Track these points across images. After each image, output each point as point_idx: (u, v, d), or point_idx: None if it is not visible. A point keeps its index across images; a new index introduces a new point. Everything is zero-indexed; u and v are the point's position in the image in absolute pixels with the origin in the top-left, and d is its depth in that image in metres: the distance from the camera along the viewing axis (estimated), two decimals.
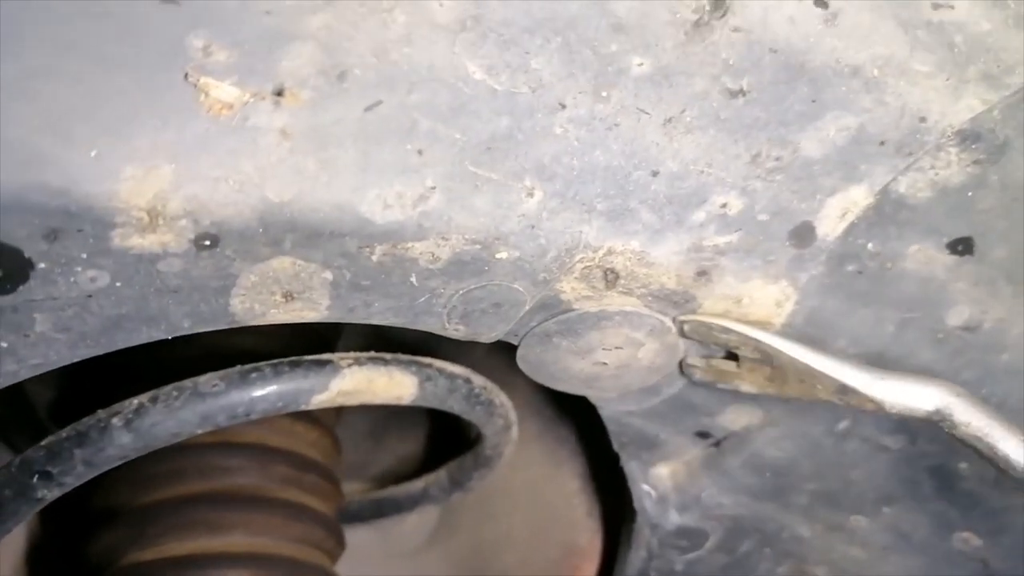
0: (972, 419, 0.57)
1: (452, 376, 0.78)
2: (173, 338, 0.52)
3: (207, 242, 0.47)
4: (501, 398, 0.86)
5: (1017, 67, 0.54)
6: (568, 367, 0.66)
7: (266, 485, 0.87)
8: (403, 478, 1.19)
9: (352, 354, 0.72)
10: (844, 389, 0.60)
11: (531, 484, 1.10)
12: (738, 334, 0.61)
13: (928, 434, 0.77)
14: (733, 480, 0.83)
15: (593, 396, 0.71)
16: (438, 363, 0.77)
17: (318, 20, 0.43)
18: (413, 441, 1.27)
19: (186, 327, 0.52)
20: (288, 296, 0.52)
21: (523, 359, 0.68)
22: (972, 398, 0.58)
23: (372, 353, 0.73)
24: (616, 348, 0.63)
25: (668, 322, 0.61)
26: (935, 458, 0.79)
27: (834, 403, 0.62)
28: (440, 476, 1.09)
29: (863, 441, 0.77)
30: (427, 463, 1.21)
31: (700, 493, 0.85)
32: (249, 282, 0.50)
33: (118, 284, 0.47)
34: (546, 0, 0.47)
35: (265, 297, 0.52)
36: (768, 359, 0.62)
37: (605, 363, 0.64)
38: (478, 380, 0.81)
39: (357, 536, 1.11)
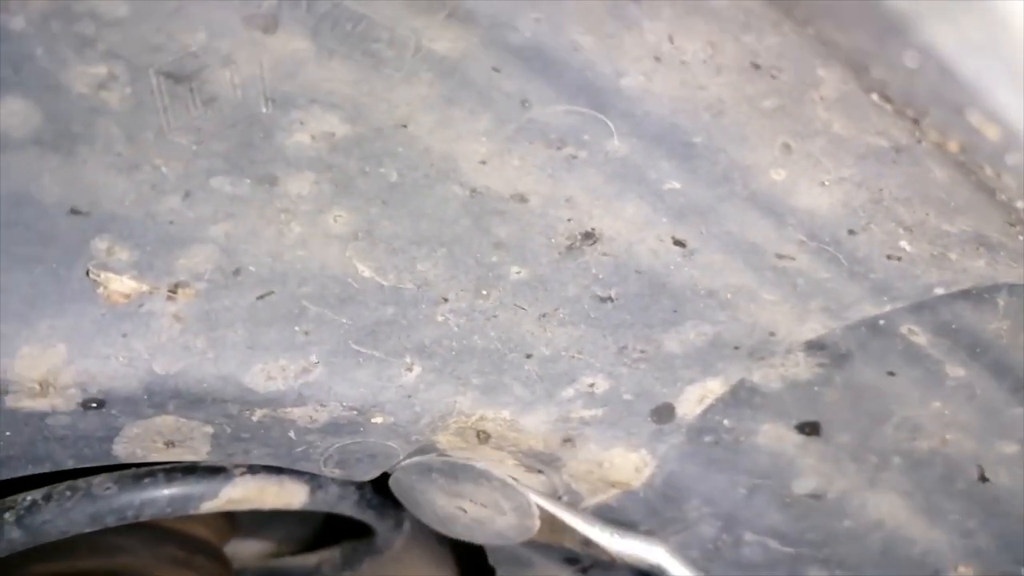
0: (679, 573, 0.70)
1: (344, 484, 0.82)
2: None
3: (94, 404, 0.51)
4: (395, 502, 0.90)
5: (853, 306, 0.61)
6: (433, 500, 0.71)
7: (155, 565, 0.90)
8: (302, 541, 1.22)
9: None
10: (588, 542, 0.70)
11: (420, 572, 1.14)
12: None
13: None
14: None
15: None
16: None
17: (219, 229, 0.48)
18: None
19: (69, 465, 0.55)
20: (169, 444, 0.56)
21: (396, 481, 0.72)
22: (680, 558, 0.72)
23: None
24: (482, 505, 0.68)
25: (534, 508, 0.67)
26: None
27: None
28: (334, 555, 1.12)
29: None
30: (327, 527, 1.24)
31: None
32: (133, 433, 0.54)
33: (8, 434, 0.50)
34: (433, 220, 0.52)
35: (147, 444, 0.56)
36: None
37: (465, 511, 0.69)
38: (371, 486, 0.85)
39: None
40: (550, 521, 0.68)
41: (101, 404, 0.51)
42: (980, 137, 0.28)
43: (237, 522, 1.05)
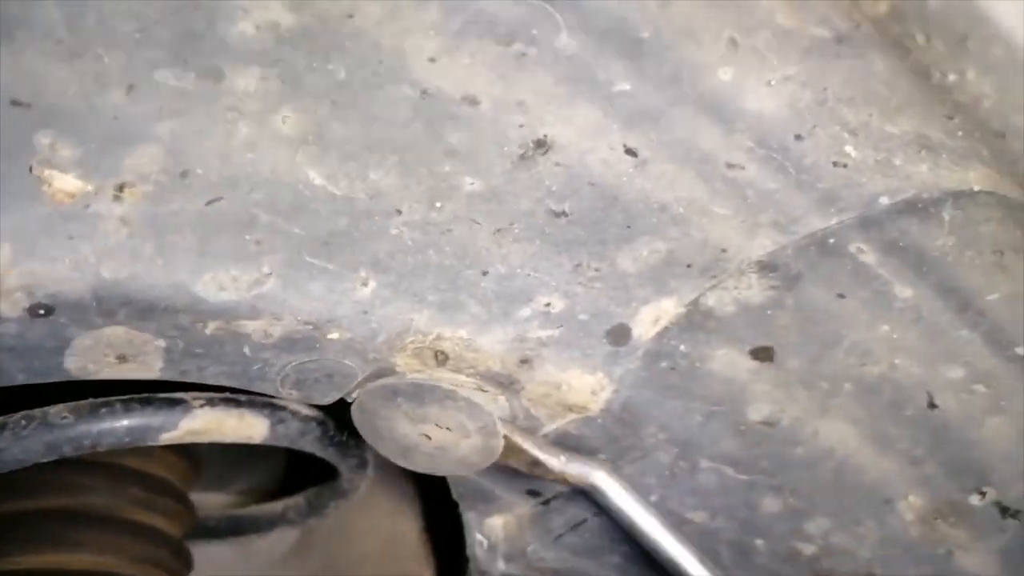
0: (617, 497, 0.75)
1: (306, 419, 0.82)
2: None
3: (41, 311, 0.50)
4: (357, 439, 0.90)
5: (801, 219, 0.62)
6: (395, 428, 0.71)
7: (118, 505, 0.90)
8: (267, 492, 1.22)
9: (206, 394, 0.76)
10: (536, 463, 0.73)
11: (388, 515, 1.15)
12: None
13: (726, 512, 0.85)
14: (556, 537, 0.90)
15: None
16: (293, 406, 0.81)
17: (164, 127, 0.48)
18: (279, 456, 1.30)
19: (20, 379, 0.55)
20: (122, 358, 0.56)
21: (359, 407, 0.71)
22: (621, 482, 0.75)
23: (226, 394, 0.77)
24: (447, 428, 0.68)
25: (500, 426, 0.67)
26: (731, 533, 0.88)
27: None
28: (299, 501, 1.13)
29: (668, 513, 0.85)
30: (290, 478, 1.24)
31: (527, 546, 0.91)
32: (83, 345, 0.54)
33: None
34: (384, 124, 0.52)
35: (99, 358, 0.55)
36: None
37: (429, 438, 0.70)
38: (332, 423, 0.85)
39: (215, 550, 1.14)
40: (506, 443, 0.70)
41: (49, 311, 0.50)
42: None
43: (202, 467, 1.04)
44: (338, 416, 0.81)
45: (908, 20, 0.32)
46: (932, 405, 0.78)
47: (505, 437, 0.70)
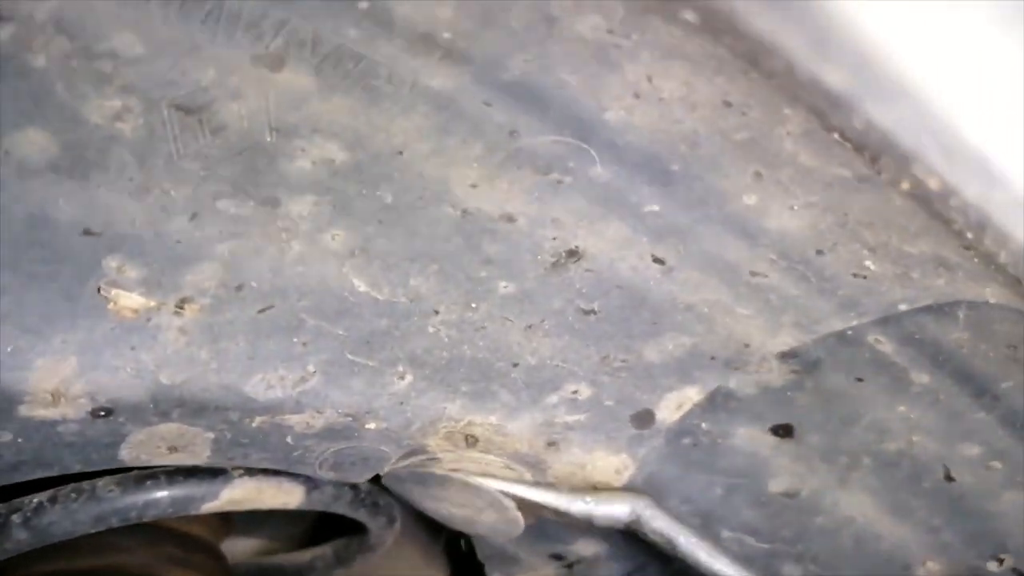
0: (659, 524, 0.73)
1: (339, 484, 0.85)
2: None
3: (102, 413, 0.53)
4: (386, 499, 0.93)
5: (822, 321, 0.64)
6: (424, 504, 0.74)
7: (154, 564, 0.93)
8: (296, 538, 1.25)
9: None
10: (559, 512, 0.72)
11: (414, 568, 1.18)
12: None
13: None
14: None
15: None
16: None
17: (223, 247, 0.51)
18: None
19: (76, 469, 0.58)
20: (172, 449, 0.59)
21: (389, 487, 0.76)
22: (658, 507, 0.72)
23: None
24: (461, 506, 0.71)
25: (507, 501, 0.70)
26: None
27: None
28: (326, 552, 1.15)
29: None
30: (321, 525, 1.27)
31: None
32: (137, 440, 0.57)
33: (19, 440, 0.53)
34: (426, 239, 0.55)
35: (151, 449, 0.58)
36: None
37: (453, 513, 0.73)
38: (364, 486, 0.88)
39: None
40: (526, 504, 0.71)
41: (109, 412, 0.54)
42: (925, 185, 0.32)
43: (233, 521, 1.08)
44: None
45: (929, 196, 0.34)
46: (949, 478, 0.80)
47: (523, 501, 0.72)
